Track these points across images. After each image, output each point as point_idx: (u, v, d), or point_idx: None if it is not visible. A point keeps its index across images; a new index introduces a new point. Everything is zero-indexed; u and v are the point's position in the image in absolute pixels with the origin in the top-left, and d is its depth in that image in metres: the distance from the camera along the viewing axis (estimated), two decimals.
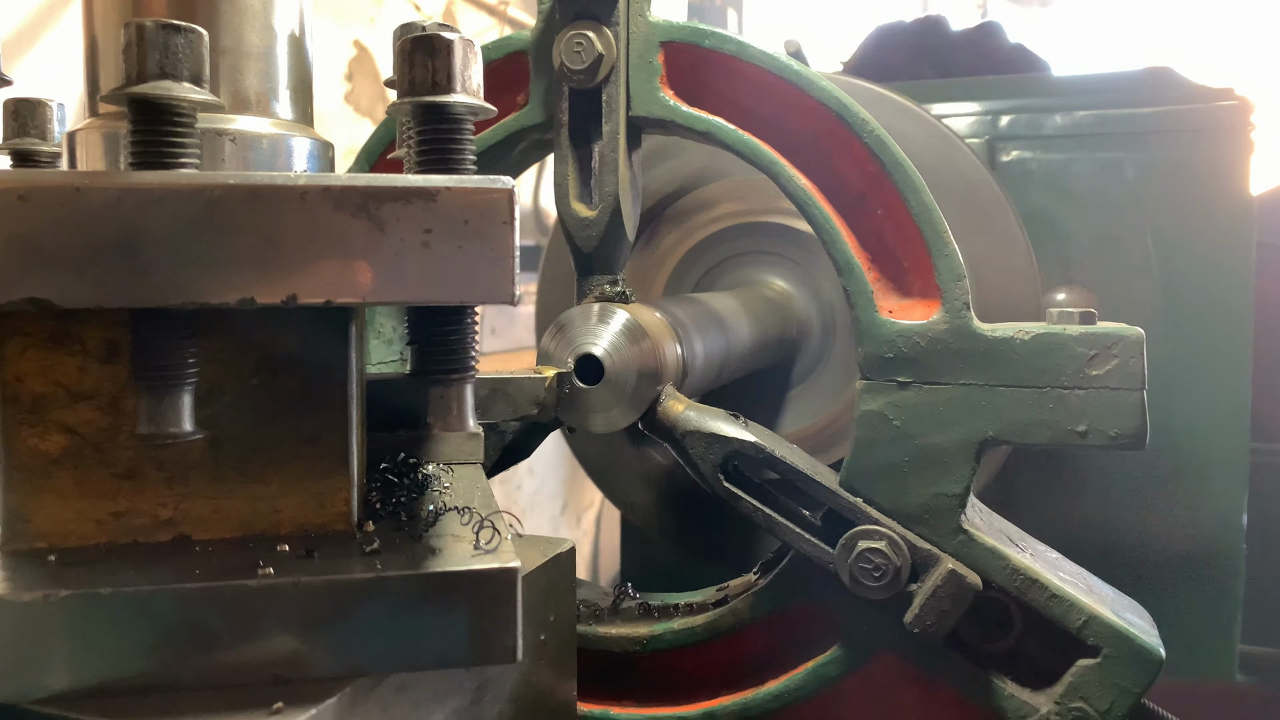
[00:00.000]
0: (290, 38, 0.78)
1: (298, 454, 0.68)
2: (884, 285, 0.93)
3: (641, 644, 0.98)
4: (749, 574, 1.02)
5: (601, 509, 5.37)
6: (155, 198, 0.58)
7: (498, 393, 0.93)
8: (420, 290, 0.62)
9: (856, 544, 0.89)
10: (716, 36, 0.95)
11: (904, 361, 0.90)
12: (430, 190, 0.62)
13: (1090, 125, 1.86)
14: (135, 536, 0.66)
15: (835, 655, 0.93)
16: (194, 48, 0.62)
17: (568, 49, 0.95)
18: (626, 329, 0.94)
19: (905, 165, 0.91)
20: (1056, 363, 0.86)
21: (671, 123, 0.97)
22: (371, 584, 0.60)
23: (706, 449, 0.93)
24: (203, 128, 0.69)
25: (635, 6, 0.97)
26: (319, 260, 0.60)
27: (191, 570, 0.61)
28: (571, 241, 1.00)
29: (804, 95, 0.93)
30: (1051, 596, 0.87)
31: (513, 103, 1.04)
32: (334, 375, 0.68)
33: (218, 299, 0.59)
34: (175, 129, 0.62)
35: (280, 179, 0.61)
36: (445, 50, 0.66)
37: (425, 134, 0.67)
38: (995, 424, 0.88)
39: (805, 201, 0.93)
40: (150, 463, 0.66)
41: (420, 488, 0.78)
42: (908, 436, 0.90)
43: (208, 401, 0.66)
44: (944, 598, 0.87)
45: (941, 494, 0.89)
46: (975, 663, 0.90)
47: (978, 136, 1.87)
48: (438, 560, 0.63)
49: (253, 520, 0.68)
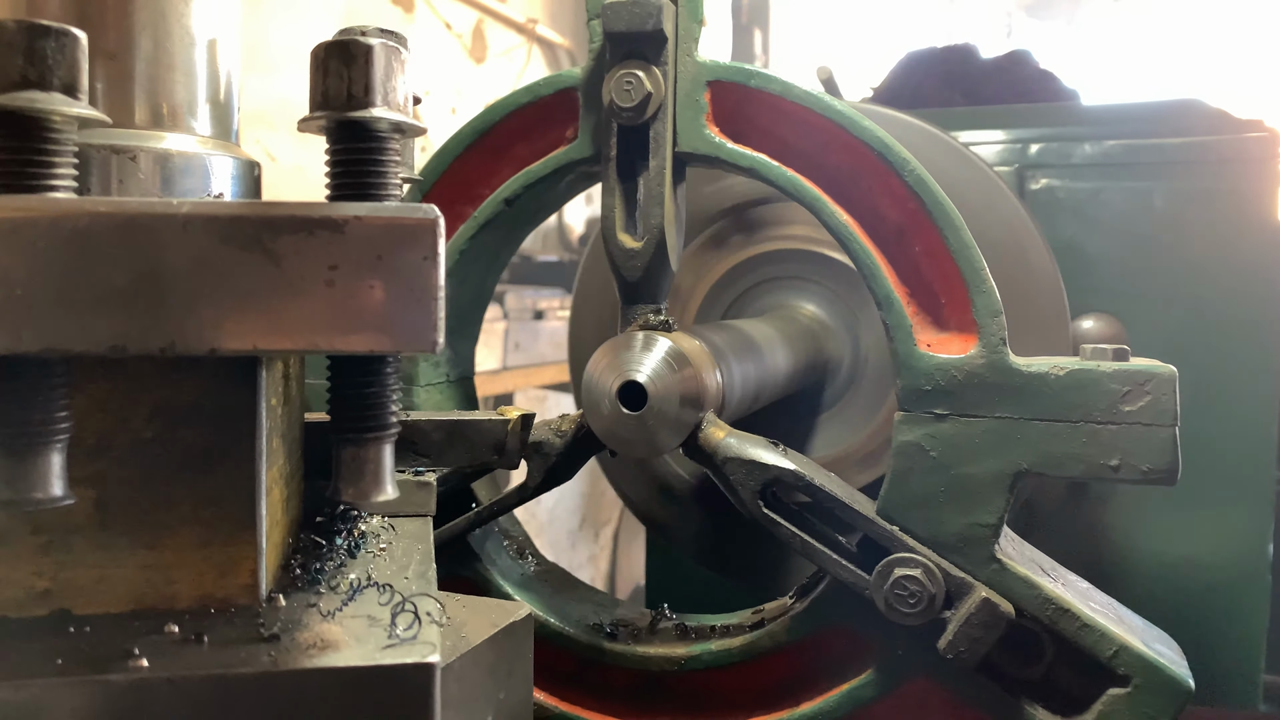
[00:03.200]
0: (211, 45, 0.69)
1: (197, 517, 0.60)
2: (922, 319, 0.96)
3: (679, 664, 1.01)
4: (784, 598, 1.05)
5: (619, 525, 5.40)
6: (8, 227, 0.50)
7: (455, 436, 0.86)
8: (324, 336, 0.55)
9: (892, 571, 0.92)
10: (762, 77, 0.99)
11: (941, 394, 0.93)
12: (336, 220, 0.54)
13: (1119, 155, 1.88)
14: (5, 611, 0.58)
15: (869, 679, 0.96)
16: (67, 52, 0.53)
17: (617, 87, 0.99)
18: (669, 356, 0.97)
19: (945, 203, 0.93)
20: (1090, 398, 0.89)
21: (717, 159, 1.00)
22: (260, 681, 0.52)
23: (747, 475, 0.96)
24: (103, 144, 0.62)
25: (683, 47, 1.00)
26: (203, 302, 0.53)
27: (53, 660, 0.52)
28: (617, 271, 1.03)
29: (846, 134, 0.97)
30: (1083, 626, 0.89)
31: (561, 137, 1.08)
32: (240, 428, 0.60)
33: (82, 346, 0.52)
34: (42, 146, 0.53)
35: (160, 206, 0.53)
36: (364, 57, 0.57)
37: (339, 154, 0.60)
38: (1030, 457, 0.90)
39: (846, 236, 0.96)
40: (25, 526, 0.58)
41: (353, 551, 0.71)
42: (944, 467, 0.93)
43: (94, 456, 0.58)
44: (977, 625, 0.89)
45: (976, 524, 0.92)
46: (1007, 689, 0.92)
47: (1006, 164, 1.90)
48: (342, 652, 0.55)
49: (144, 592, 0.59)
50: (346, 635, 0.57)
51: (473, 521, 1.07)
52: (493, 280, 1.21)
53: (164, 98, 0.67)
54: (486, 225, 1.10)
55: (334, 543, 0.71)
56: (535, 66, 4.89)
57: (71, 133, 0.55)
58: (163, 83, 0.67)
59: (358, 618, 0.60)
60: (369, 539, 0.74)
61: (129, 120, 0.66)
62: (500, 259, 1.19)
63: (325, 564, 0.68)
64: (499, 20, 4.62)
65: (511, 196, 1.08)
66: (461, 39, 4.38)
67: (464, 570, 1.08)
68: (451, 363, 1.17)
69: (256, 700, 0.52)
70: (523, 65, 4.79)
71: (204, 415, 0.60)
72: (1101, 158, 1.90)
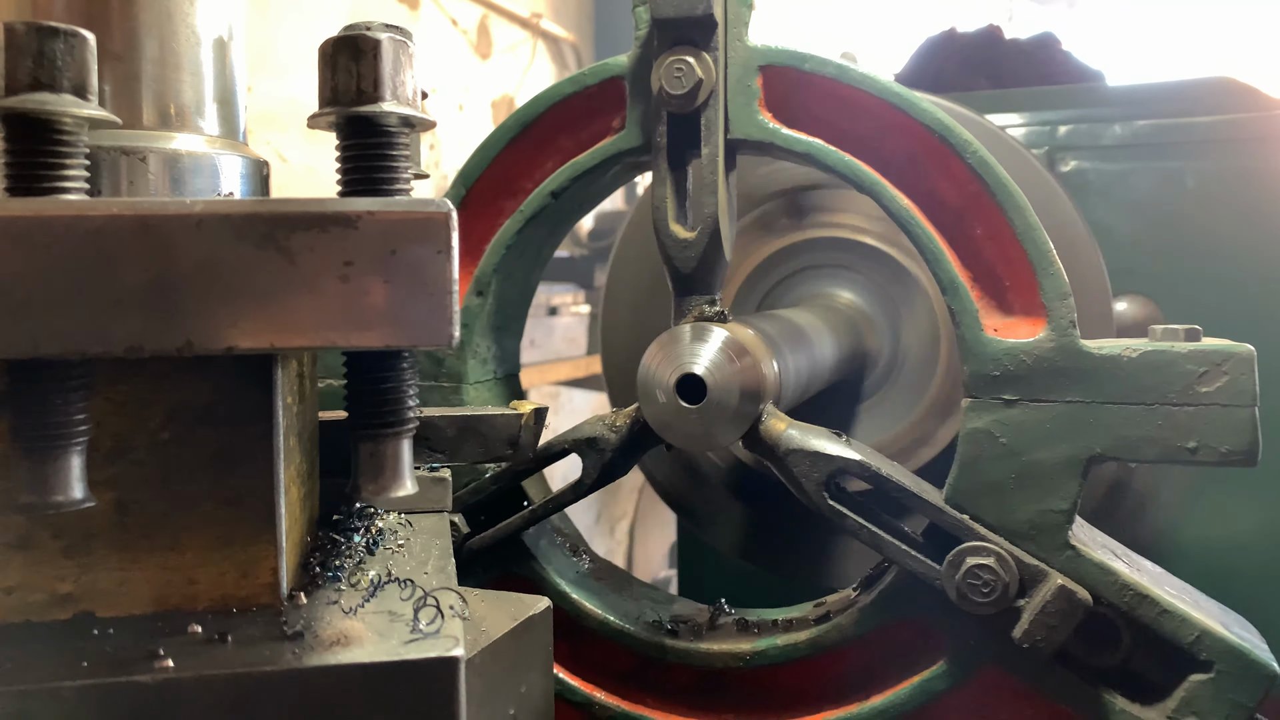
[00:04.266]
0: (217, 44, 0.70)
1: (216, 517, 0.60)
2: (986, 303, 0.94)
3: (745, 659, 1.00)
4: (847, 590, 1.03)
5: (635, 518, 5.39)
6: (22, 229, 0.50)
7: (468, 431, 0.85)
8: (340, 333, 0.55)
9: (964, 560, 0.90)
10: (816, 60, 0.97)
11: (1010, 379, 0.91)
12: (349, 215, 0.54)
13: (1149, 135, 1.86)
14: (28, 615, 0.58)
15: (941, 670, 0.94)
16: (76, 54, 0.53)
17: (667, 74, 0.97)
18: (726, 347, 0.95)
19: (1009, 185, 0.92)
20: (1165, 380, 0.87)
21: (771, 144, 0.98)
22: (285, 678, 0.52)
23: (810, 467, 0.94)
24: (113, 146, 0.62)
25: (733, 32, 0.98)
26: (219, 301, 0.53)
27: (79, 663, 0.52)
28: (670, 262, 1.01)
29: (904, 116, 0.95)
30: (1163, 612, 0.87)
31: (607, 127, 1.06)
32: (257, 428, 0.60)
33: (99, 348, 0.52)
34: (54, 149, 0.54)
35: (173, 206, 0.53)
36: (372, 52, 0.57)
37: (350, 150, 0.59)
38: (1103, 441, 0.89)
39: (908, 221, 0.95)
40: (46, 530, 0.58)
41: (371, 548, 0.71)
42: (1014, 454, 0.91)
43: (113, 459, 0.58)
44: (1053, 613, 0.87)
45: (1048, 510, 0.90)
46: (1083, 677, 0.91)
47: (1036, 147, 1.88)
48: (365, 648, 0.55)
49: (165, 594, 0.59)
50: (369, 631, 0.57)
51: (527, 519, 1.05)
52: (537, 275, 1.19)
53: (171, 98, 0.67)
54: (533, 219, 1.08)
55: (352, 540, 0.71)
56: (540, 61, 4.87)
57: (83, 134, 0.55)
58: (170, 83, 0.67)
59: (379, 614, 0.59)
60: (387, 535, 0.74)
61: (137, 121, 0.66)
62: (544, 253, 1.17)
63: (344, 561, 0.68)
64: (503, 15, 4.60)
65: (558, 189, 1.06)
66: (467, 35, 4.36)
67: (519, 569, 1.07)
68: (499, 359, 1.15)
69: (283, 697, 0.52)
70: (528, 60, 4.77)
71: (221, 415, 0.59)
72: (1131, 138, 1.88)
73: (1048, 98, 1.95)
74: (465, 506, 1.07)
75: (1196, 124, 1.83)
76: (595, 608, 1.05)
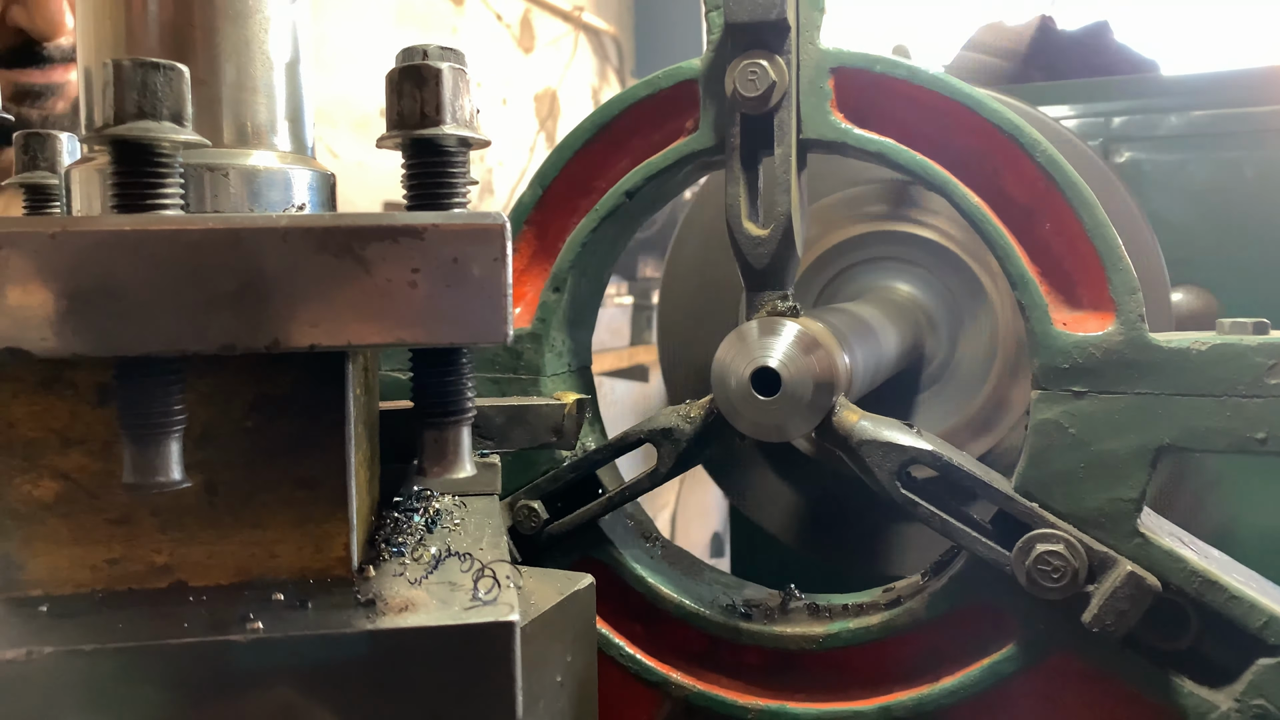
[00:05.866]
0: (288, 67, 0.75)
1: (294, 498, 0.66)
2: (1055, 298, 0.97)
3: (818, 642, 1.03)
4: (916, 575, 1.07)
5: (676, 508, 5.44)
6: (132, 242, 0.56)
7: (515, 419, 0.91)
8: (409, 332, 0.60)
9: (1034, 547, 0.93)
10: (887, 62, 1.00)
11: (1080, 372, 0.94)
12: (417, 228, 0.60)
13: (1206, 125, 1.86)
14: (130, 584, 0.65)
15: (1010, 653, 0.97)
16: (174, 85, 0.59)
17: (741, 77, 1.00)
18: (799, 339, 0.99)
19: (1078, 183, 0.94)
20: (1234, 372, 0.89)
21: (843, 144, 1.01)
22: (361, 639, 0.58)
23: (884, 457, 0.98)
24: (199, 163, 0.68)
25: (805, 35, 1.01)
26: (302, 304, 0.59)
27: (180, 624, 0.59)
28: (743, 259, 1.05)
29: (974, 115, 0.97)
30: (1231, 598, 0.90)
31: (680, 128, 1.10)
32: (330, 417, 0.66)
33: (197, 346, 0.58)
34: (155, 170, 0.60)
35: (262, 220, 0.59)
36: (434, 80, 0.63)
37: (414, 168, 0.65)
38: (1172, 432, 0.91)
39: (979, 218, 0.97)
40: (145, 508, 0.65)
41: (430, 526, 0.77)
42: (1084, 444, 0.94)
43: (202, 444, 0.64)
44: (1123, 598, 0.90)
45: (1118, 499, 0.93)
46: (1152, 661, 0.93)
47: (1091, 138, 1.89)
48: (431, 613, 0.60)
49: (249, 565, 0.66)
50: (433, 599, 0.63)
51: (605, 506, 1.10)
52: (609, 272, 1.23)
53: (248, 118, 0.73)
54: (607, 218, 1.12)
55: (412, 520, 0.77)
56: (582, 54, 4.90)
57: (178, 156, 0.61)
58: (247, 105, 0.73)
59: (442, 584, 0.65)
60: (444, 515, 0.80)
61: (218, 140, 0.72)
62: (615, 250, 1.21)
63: (406, 539, 0.73)
64: (546, 9, 4.63)
65: (633, 189, 1.10)
66: (510, 29, 4.40)
67: (597, 554, 1.11)
68: (573, 353, 1.19)
69: (360, 656, 0.58)
70: (570, 54, 4.80)
71: (298, 406, 0.66)
72: (1187, 128, 1.89)
73: (1102, 89, 1.95)
74: (543, 493, 1.12)
75: (1254, 114, 1.83)
76: (671, 591, 1.09)
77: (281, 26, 0.75)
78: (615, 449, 1.11)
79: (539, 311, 1.14)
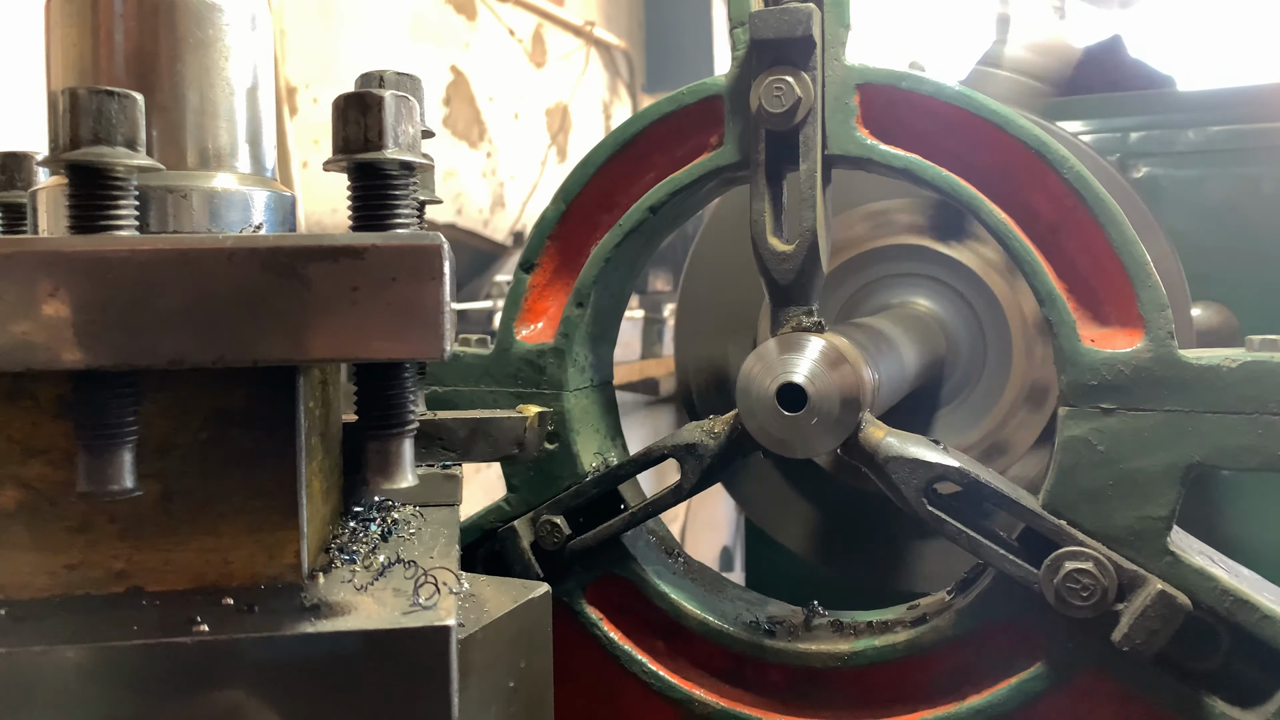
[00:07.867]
0: (248, 93, 0.79)
1: (248, 506, 0.69)
2: (1082, 314, 0.96)
3: (842, 659, 1.03)
4: (939, 593, 1.06)
5: (686, 521, 5.42)
6: (85, 262, 0.59)
7: (478, 433, 0.92)
8: (349, 348, 0.63)
9: (1063, 564, 0.92)
10: (913, 79, 1.00)
11: (1108, 389, 0.93)
12: (357, 248, 0.62)
13: (1224, 140, 1.86)
14: (88, 589, 0.67)
15: (1039, 671, 0.96)
16: (128, 112, 0.62)
17: (767, 93, 1.01)
18: (824, 355, 0.98)
19: (1106, 200, 0.94)
20: (1265, 390, 0.89)
21: (869, 160, 1.01)
22: (301, 641, 0.61)
23: (910, 474, 0.97)
24: (160, 185, 0.72)
25: (830, 52, 1.02)
26: (247, 321, 0.61)
27: (130, 627, 0.62)
28: (768, 275, 1.04)
29: (1000, 132, 0.97)
30: (1264, 617, 0.89)
31: (704, 144, 1.10)
32: (283, 430, 0.69)
33: (147, 361, 0.60)
34: (109, 192, 0.63)
35: (209, 241, 0.62)
36: (377, 107, 0.66)
37: (358, 191, 0.68)
38: (1202, 450, 0.91)
39: (1005, 234, 0.97)
40: (104, 516, 0.67)
41: (385, 535, 0.80)
42: (1112, 461, 0.93)
43: (159, 454, 0.67)
44: (1154, 617, 0.89)
45: (1147, 516, 0.92)
46: (1182, 680, 0.93)
47: (1108, 153, 1.88)
48: (369, 617, 0.63)
49: (205, 571, 0.69)
50: (375, 604, 0.66)
51: (627, 521, 1.09)
52: (630, 286, 1.23)
53: (210, 142, 0.77)
54: (631, 233, 1.12)
55: (369, 529, 0.80)
56: (594, 69, 4.93)
57: (133, 180, 0.65)
58: (208, 129, 0.77)
59: (385, 590, 0.69)
60: (400, 525, 0.83)
61: (181, 163, 0.75)
62: (638, 265, 1.21)
63: (360, 546, 0.77)
64: (557, 24, 4.66)
65: (656, 204, 1.10)
66: (522, 44, 4.42)
67: (621, 570, 1.11)
68: (595, 368, 1.19)
69: (301, 657, 0.61)
70: (581, 68, 4.82)
71: (251, 418, 0.69)
72: (1205, 144, 1.88)
73: (1118, 104, 1.95)
74: (566, 508, 1.11)
75: (1272, 129, 1.83)
76: (694, 608, 1.09)
77: (242, 55, 0.79)
78: (638, 464, 1.11)
79: (562, 326, 1.14)
